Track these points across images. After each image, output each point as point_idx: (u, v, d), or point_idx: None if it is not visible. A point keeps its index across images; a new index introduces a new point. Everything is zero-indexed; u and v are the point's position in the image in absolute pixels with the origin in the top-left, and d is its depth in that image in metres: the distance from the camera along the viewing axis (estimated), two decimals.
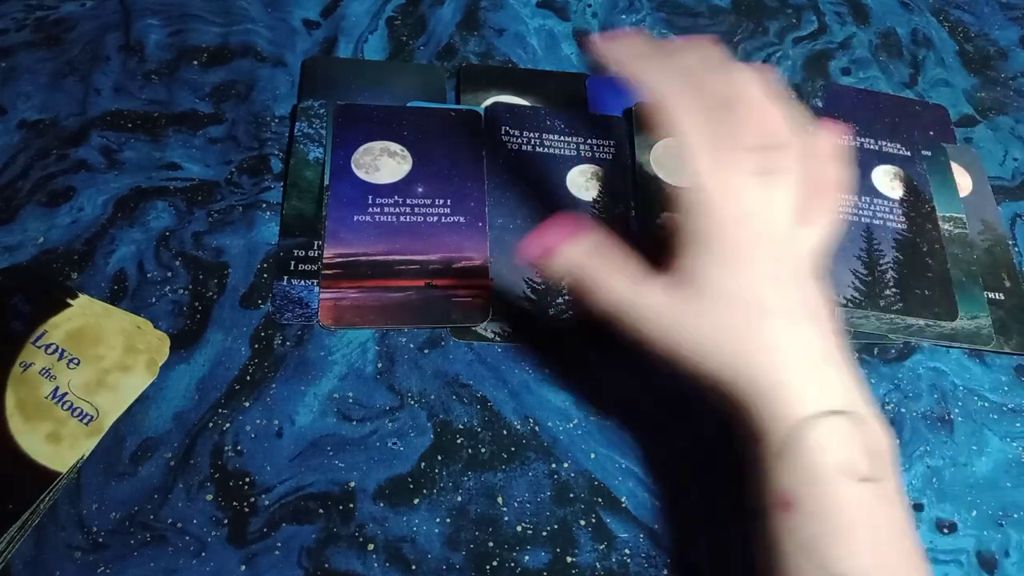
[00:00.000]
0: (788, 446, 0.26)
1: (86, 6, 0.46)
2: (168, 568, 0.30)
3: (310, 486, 0.32)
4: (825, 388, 0.26)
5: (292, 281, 0.37)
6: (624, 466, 0.34)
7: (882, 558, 0.25)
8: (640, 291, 0.28)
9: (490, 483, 0.33)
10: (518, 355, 0.37)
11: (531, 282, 0.38)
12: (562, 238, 0.30)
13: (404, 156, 0.41)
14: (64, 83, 0.43)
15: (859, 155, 0.45)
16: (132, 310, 0.36)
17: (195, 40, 0.45)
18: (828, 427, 0.26)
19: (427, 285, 0.38)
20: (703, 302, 0.27)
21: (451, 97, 0.45)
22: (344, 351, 0.36)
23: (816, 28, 0.52)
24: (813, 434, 0.26)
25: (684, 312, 0.28)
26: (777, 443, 0.26)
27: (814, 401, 0.26)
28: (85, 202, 0.39)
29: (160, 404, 0.34)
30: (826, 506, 0.25)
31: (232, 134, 0.42)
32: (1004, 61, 0.53)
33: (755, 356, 0.27)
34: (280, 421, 0.34)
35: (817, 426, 0.26)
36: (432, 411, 0.35)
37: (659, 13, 0.51)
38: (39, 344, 0.34)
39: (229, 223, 0.39)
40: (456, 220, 0.39)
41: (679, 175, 0.42)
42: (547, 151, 0.42)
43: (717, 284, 0.27)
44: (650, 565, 0.32)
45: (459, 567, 0.31)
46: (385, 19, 0.48)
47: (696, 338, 0.27)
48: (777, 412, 0.26)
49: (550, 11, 0.50)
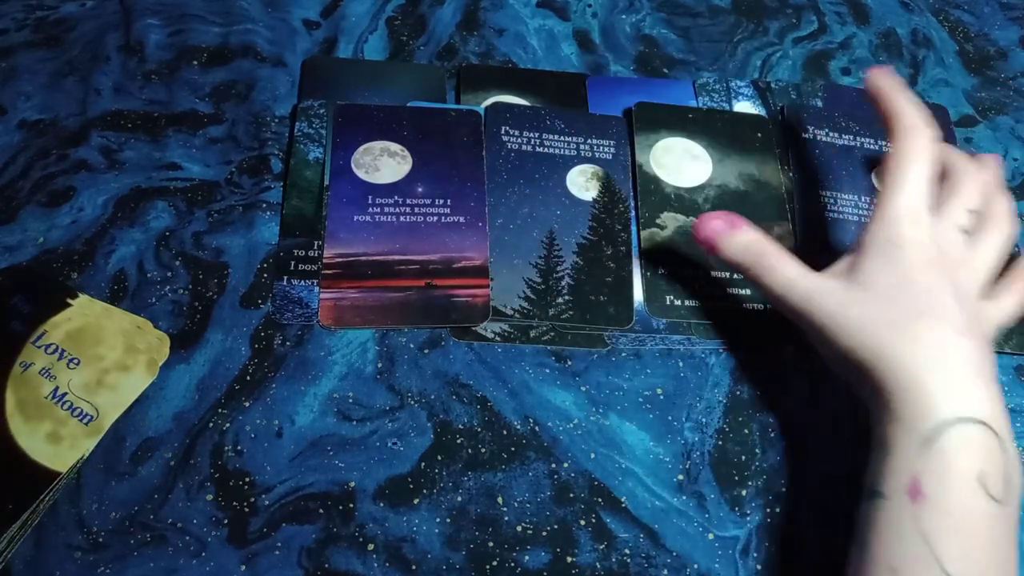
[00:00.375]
0: (932, 438, 0.27)
1: (86, 6, 0.46)
2: (168, 568, 0.30)
3: (310, 486, 0.33)
4: (978, 398, 0.27)
5: (292, 281, 0.37)
6: (624, 466, 0.34)
7: (992, 572, 0.26)
8: (812, 275, 0.32)
9: (490, 483, 0.34)
10: (518, 355, 0.37)
11: (531, 282, 0.38)
12: (740, 220, 0.34)
13: (404, 156, 0.41)
14: (64, 83, 0.43)
15: (859, 155, 0.45)
16: (132, 310, 0.36)
17: (195, 40, 0.45)
18: (974, 434, 0.27)
19: (427, 285, 0.38)
20: (873, 293, 0.30)
21: (451, 97, 0.45)
22: (344, 351, 0.36)
23: (816, 28, 0.52)
24: (958, 435, 0.26)
25: (852, 297, 0.30)
26: (923, 431, 0.27)
27: (966, 405, 0.27)
28: (85, 202, 0.39)
29: (160, 404, 0.34)
30: (955, 506, 0.26)
31: (232, 134, 0.42)
32: (1004, 61, 0.53)
33: (918, 350, 0.28)
34: (280, 421, 0.34)
35: (964, 429, 0.27)
36: (432, 411, 0.35)
37: (659, 13, 0.51)
38: (39, 344, 0.34)
39: (229, 223, 0.39)
40: (456, 220, 0.39)
41: (678, 174, 0.42)
42: (547, 151, 0.42)
43: (891, 283, 0.30)
44: (650, 565, 0.32)
45: (459, 567, 0.31)
46: (385, 19, 0.48)
47: (859, 323, 0.30)
48: (929, 402, 0.27)
49: (550, 11, 0.50)
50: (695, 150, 0.44)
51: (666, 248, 0.40)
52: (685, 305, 0.39)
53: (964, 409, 0.27)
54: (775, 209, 0.42)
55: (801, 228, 0.42)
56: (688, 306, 0.39)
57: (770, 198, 0.42)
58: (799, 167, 0.44)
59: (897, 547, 0.26)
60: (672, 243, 0.40)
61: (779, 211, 0.42)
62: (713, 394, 0.37)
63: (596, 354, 0.37)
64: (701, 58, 0.49)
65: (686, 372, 0.37)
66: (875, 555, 0.27)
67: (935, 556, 0.25)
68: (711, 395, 0.37)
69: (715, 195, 0.42)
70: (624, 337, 0.38)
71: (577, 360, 0.37)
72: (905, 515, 0.26)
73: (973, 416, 0.27)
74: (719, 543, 0.33)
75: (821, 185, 0.43)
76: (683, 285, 0.39)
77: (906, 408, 0.27)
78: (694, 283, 0.39)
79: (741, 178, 0.43)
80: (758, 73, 0.49)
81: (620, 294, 0.39)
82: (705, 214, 0.35)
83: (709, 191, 0.42)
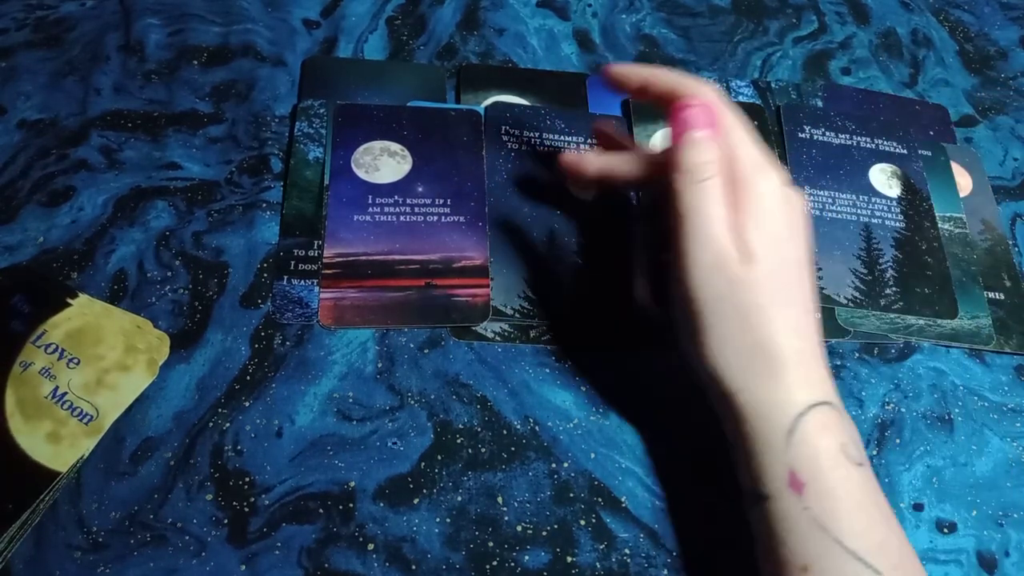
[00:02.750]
0: (793, 429, 0.27)
1: (86, 6, 0.46)
2: (168, 568, 0.30)
3: (310, 486, 0.32)
4: (818, 379, 0.29)
5: (292, 281, 0.37)
6: (624, 466, 0.34)
7: (888, 535, 0.27)
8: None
9: (490, 483, 0.33)
10: (518, 355, 0.37)
11: (531, 282, 0.38)
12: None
13: (404, 156, 0.41)
14: (64, 83, 0.43)
15: (856, 154, 0.45)
16: (132, 310, 0.36)
17: (195, 40, 0.45)
18: (822, 416, 0.28)
19: (427, 285, 0.38)
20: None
21: (451, 97, 0.45)
22: (344, 351, 0.36)
23: (816, 28, 0.52)
24: (814, 419, 0.28)
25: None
26: (784, 424, 0.28)
27: (810, 391, 0.28)
28: (85, 202, 0.39)
29: (160, 404, 0.34)
30: (835, 486, 0.27)
31: (232, 134, 0.42)
32: (1004, 61, 0.53)
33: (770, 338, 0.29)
34: (280, 421, 0.34)
35: (818, 412, 0.28)
36: (432, 411, 0.35)
37: (659, 13, 0.51)
38: (39, 344, 0.34)
39: (229, 223, 0.39)
40: (456, 220, 0.39)
41: None
42: (547, 151, 0.42)
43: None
44: (650, 565, 0.32)
45: (459, 567, 0.31)
46: (385, 19, 0.48)
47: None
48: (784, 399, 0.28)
49: (550, 11, 0.50)
50: None
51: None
52: None
53: (808, 395, 0.28)
54: None
55: None
56: None
57: None
58: (796, 166, 0.44)
59: (799, 544, 0.27)
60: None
61: None
62: None
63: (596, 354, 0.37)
64: (701, 58, 0.49)
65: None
66: (782, 558, 0.27)
67: (835, 539, 0.26)
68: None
69: None
70: None
71: (577, 360, 0.37)
72: (795, 509, 0.27)
73: (815, 400, 0.28)
74: None
75: (820, 185, 0.43)
76: None
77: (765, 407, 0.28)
78: None
79: None
80: (758, 73, 0.49)
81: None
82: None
83: None
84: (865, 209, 0.43)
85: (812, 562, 0.26)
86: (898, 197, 0.44)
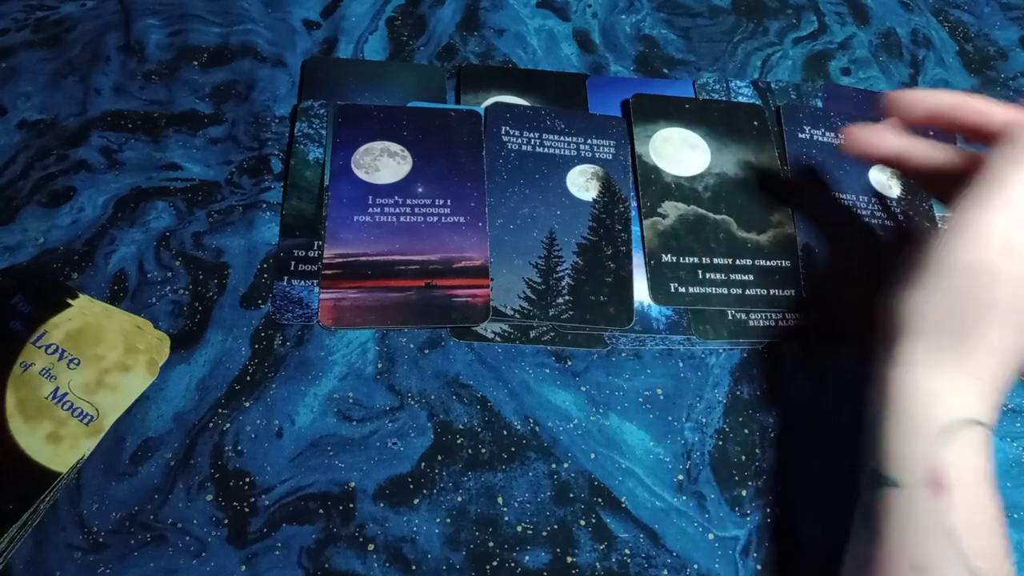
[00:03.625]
0: (954, 431, 0.26)
1: (86, 6, 0.46)
2: (168, 568, 0.30)
3: (310, 486, 0.33)
4: (993, 404, 0.27)
5: (292, 281, 0.37)
6: (624, 466, 0.34)
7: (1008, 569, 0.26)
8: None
9: (490, 483, 0.34)
10: (518, 355, 0.37)
11: (531, 282, 0.38)
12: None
13: (404, 156, 0.41)
14: (64, 83, 0.43)
15: None
16: (132, 310, 0.36)
17: (195, 40, 0.45)
18: (983, 435, 0.27)
19: (427, 285, 0.38)
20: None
21: (451, 97, 0.45)
22: (344, 351, 0.36)
23: (816, 28, 0.52)
24: (977, 434, 0.26)
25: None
26: (943, 422, 0.26)
27: (981, 408, 0.27)
28: (85, 202, 0.39)
29: (160, 404, 0.34)
30: (979, 502, 0.26)
31: (232, 134, 0.42)
32: (1004, 61, 0.53)
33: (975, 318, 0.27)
34: (280, 421, 0.34)
35: (977, 430, 0.27)
36: (432, 411, 0.35)
37: (659, 13, 0.51)
38: (39, 344, 0.34)
39: (229, 223, 0.39)
40: (456, 220, 0.39)
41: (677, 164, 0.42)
42: (547, 151, 0.42)
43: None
44: (650, 565, 0.32)
45: (459, 567, 0.31)
46: (385, 19, 0.48)
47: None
48: (957, 401, 0.27)
49: (550, 11, 0.50)
50: (693, 139, 0.44)
51: (669, 236, 0.40)
52: (690, 292, 0.39)
53: (977, 411, 0.27)
54: (774, 195, 0.42)
55: (802, 228, 0.42)
56: (693, 293, 0.39)
57: (769, 185, 0.43)
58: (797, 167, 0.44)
59: (920, 543, 0.26)
60: (674, 231, 0.40)
61: (778, 197, 0.42)
62: (713, 394, 0.37)
63: (596, 354, 0.37)
64: (701, 58, 0.49)
65: (686, 372, 0.37)
66: (895, 551, 0.26)
67: (960, 552, 0.25)
68: (711, 395, 0.37)
69: (714, 183, 0.42)
70: (624, 337, 0.38)
71: (577, 360, 0.37)
72: (925, 508, 0.26)
73: (980, 418, 0.27)
74: (719, 543, 0.33)
75: (820, 185, 0.43)
76: (687, 273, 0.39)
77: (928, 394, 0.27)
78: (697, 271, 0.39)
79: (739, 166, 0.43)
80: (758, 73, 0.49)
81: (620, 294, 0.39)
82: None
83: (708, 179, 0.42)
84: (865, 209, 0.43)
85: (927, 564, 0.25)
86: (898, 197, 0.44)
